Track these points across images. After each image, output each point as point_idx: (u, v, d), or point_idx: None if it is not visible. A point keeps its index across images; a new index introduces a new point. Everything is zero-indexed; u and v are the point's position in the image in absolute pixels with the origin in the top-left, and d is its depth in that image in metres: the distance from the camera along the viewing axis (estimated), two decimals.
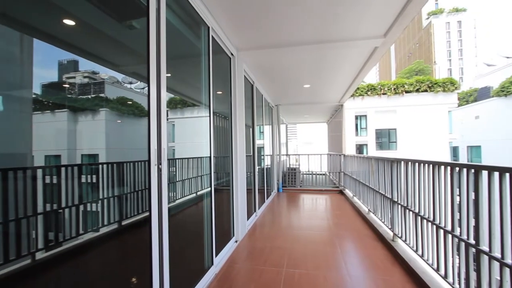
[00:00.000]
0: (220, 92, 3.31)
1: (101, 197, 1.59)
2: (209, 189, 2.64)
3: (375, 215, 4.13)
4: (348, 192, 6.65)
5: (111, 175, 1.64)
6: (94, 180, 1.54)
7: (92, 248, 1.56)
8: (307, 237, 3.67)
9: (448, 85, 15.80)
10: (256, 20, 2.85)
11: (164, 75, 1.71)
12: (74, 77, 1.46)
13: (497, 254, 1.50)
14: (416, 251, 2.56)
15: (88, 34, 1.56)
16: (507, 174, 1.43)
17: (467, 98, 21.66)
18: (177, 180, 2.39)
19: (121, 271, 1.69)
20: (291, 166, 8.48)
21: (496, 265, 1.51)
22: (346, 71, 4.72)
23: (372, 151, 17.18)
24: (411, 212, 2.70)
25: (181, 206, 2.42)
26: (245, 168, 3.83)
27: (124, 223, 1.72)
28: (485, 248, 1.61)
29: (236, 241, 3.44)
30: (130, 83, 1.87)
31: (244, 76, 4.05)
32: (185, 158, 2.54)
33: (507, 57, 21.40)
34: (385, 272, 2.55)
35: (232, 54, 3.54)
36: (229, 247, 3.17)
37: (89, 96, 1.59)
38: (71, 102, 1.48)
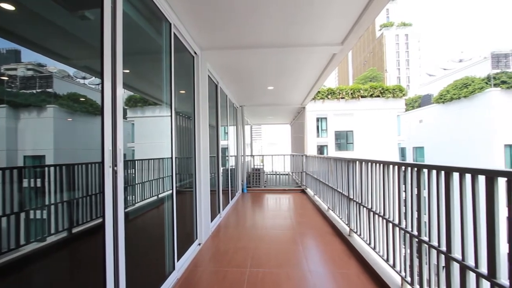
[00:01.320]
0: (183, 92, 3.22)
1: (47, 203, 1.44)
2: (170, 191, 2.55)
3: (334, 212, 4.37)
4: (310, 191, 6.94)
5: (60, 178, 1.49)
6: (39, 184, 1.38)
7: (36, 260, 1.40)
8: (271, 236, 3.74)
9: (397, 91, 17.49)
10: (219, 21, 2.85)
11: (120, 70, 1.60)
12: (15, 69, 1.30)
13: (435, 243, 1.69)
14: (369, 244, 2.77)
15: (32, 22, 1.40)
16: (443, 172, 1.63)
17: (413, 104, 24.03)
18: (137, 182, 2.26)
19: (70, 284, 1.55)
20: (256, 166, 8.58)
21: (434, 252, 1.70)
22: (308, 74, 4.93)
23: (332, 151, 18.20)
24: (365, 208, 2.91)
25: (141, 210, 2.29)
26: (209, 169, 3.78)
27: (75, 230, 1.57)
28: (425, 238, 1.81)
29: (199, 244, 3.37)
30: (84, 78, 1.72)
31: (208, 76, 3.99)
32: (146, 159, 2.41)
33: (444, 69, 24.28)
34: (343, 266, 2.72)
35: (195, 53, 3.47)
36: (192, 250, 3.09)
37: (34, 91, 1.42)
38: (11, 97, 1.32)
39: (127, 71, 1.93)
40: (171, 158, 2.55)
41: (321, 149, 18.96)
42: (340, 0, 2.48)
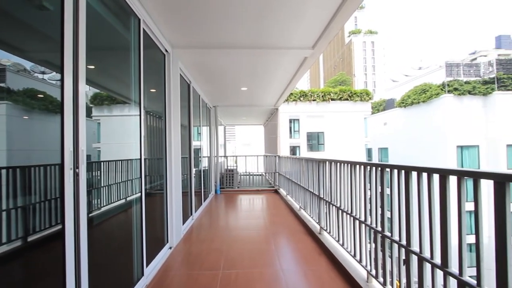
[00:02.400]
0: (153, 90, 3.11)
1: None
2: (139, 194, 2.44)
3: (305, 211, 4.49)
4: (282, 191, 7.06)
5: (13, 182, 1.36)
6: None
7: None
8: (244, 236, 3.74)
9: (364, 95, 18.52)
10: (191, 19, 2.81)
11: (83, 65, 1.50)
12: None
13: (396, 238, 1.81)
14: (338, 241, 2.89)
15: None
16: (403, 171, 1.75)
17: (378, 107, 25.52)
18: (103, 185, 2.13)
19: None
20: (229, 167, 8.54)
21: (396, 246, 1.82)
22: (281, 77, 5.02)
23: (304, 152, 18.71)
24: (334, 207, 3.03)
25: (107, 214, 2.17)
26: (181, 170, 3.68)
27: (30, 239, 1.44)
28: (388, 233, 1.93)
29: (170, 248, 3.27)
30: (43, 73, 1.59)
31: (180, 75, 3.90)
32: (113, 161, 2.29)
33: (406, 75, 26.15)
34: (313, 263, 2.80)
35: (166, 51, 3.37)
36: (163, 255, 2.99)
37: None
38: None
39: (92, 67, 1.82)
40: (140, 159, 2.45)
41: (294, 149, 19.38)
42: (312, 5, 2.56)
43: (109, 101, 2.33)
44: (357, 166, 2.43)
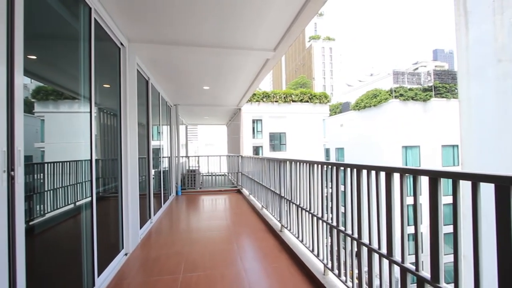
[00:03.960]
0: (107, 86, 2.89)
1: None
2: (90, 198, 2.25)
3: (267, 210, 4.57)
4: (245, 191, 7.09)
5: None
6: None
7: None
8: (206, 238, 3.68)
9: (323, 98, 19.58)
10: (150, 12, 2.67)
11: (20, 54, 1.33)
12: None
13: (349, 232, 1.94)
14: (298, 237, 3.00)
15: None
16: (355, 170, 1.88)
17: (335, 110, 27.10)
18: (47, 189, 1.91)
19: None
20: (191, 168, 8.31)
21: (348, 239, 1.96)
22: (244, 77, 5.04)
23: (267, 152, 19.08)
24: (294, 205, 3.14)
25: (52, 221, 1.94)
26: (138, 171, 3.48)
27: None
28: (342, 228, 2.07)
29: (126, 254, 3.07)
30: None
31: (138, 71, 3.68)
32: (59, 162, 2.06)
33: (360, 81, 28.25)
34: (274, 260, 2.87)
35: (122, 44, 3.15)
36: (117, 262, 2.79)
37: None
38: None
39: (34, 57, 1.63)
40: (91, 160, 2.26)
41: (256, 149, 19.62)
42: (275, 7, 2.62)
43: (56, 96, 2.10)
44: (315, 165, 2.56)
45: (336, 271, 2.12)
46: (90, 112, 2.27)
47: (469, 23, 8.47)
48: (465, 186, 1.10)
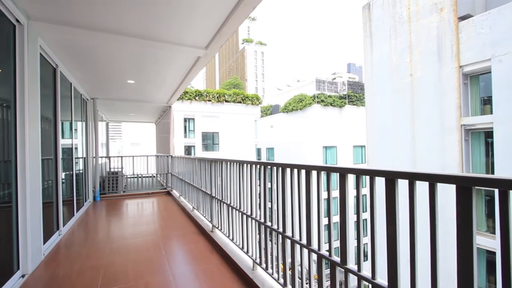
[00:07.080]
0: None
1: None
2: None
3: (198, 211, 4.47)
4: (175, 193, 6.77)
5: None
6: None
7: None
8: (130, 246, 3.36)
9: (255, 100, 20.34)
10: None
11: None
12: None
13: (275, 226, 2.08)
14: (228, 236, 3.03)
15: None
16: (280, 168, 2.03)
17: (266, 111, 28.50)
18: None
19: None
20: (113, 169, 7.46)
21: (274, 233, 2.09)
22: (173, 73, 4.81)
23: (199, 152, 18.64)
24: (225, 204, 3.16)
25: None
26: (41, 175, 2.92)
27: None
28: (269, 223, 2.19)
29: (23, 276, 2.54)
30: None
31: (41, 55, 3.10)
32: None
33: (288, 86, 30.43)
34: (204, 262, 2.83)
35: (18, 21, 2.60)
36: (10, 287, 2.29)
37: None
38: None
39: None
40: None
41: (189, 149, 18.95)
42: (203, 7, 2.59)
43: None
44: (245, 164, 2.63)
45: (264, 265, 2.24)
46: None
47: (373, 44, 10.13)
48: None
